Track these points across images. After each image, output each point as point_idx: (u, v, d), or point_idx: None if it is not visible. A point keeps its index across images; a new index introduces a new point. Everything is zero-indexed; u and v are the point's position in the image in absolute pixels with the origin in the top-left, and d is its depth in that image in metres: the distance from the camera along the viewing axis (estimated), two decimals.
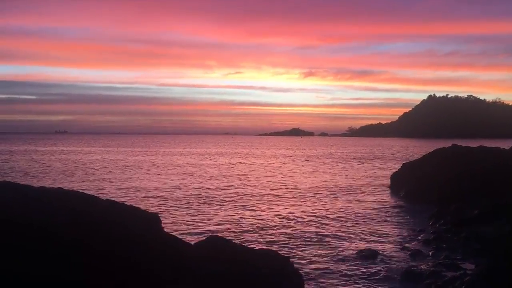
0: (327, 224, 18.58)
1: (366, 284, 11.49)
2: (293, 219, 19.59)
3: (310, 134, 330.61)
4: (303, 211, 21.61)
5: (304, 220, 19.50)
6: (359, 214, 20.97)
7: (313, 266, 12.76)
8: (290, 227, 17.94)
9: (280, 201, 25.06)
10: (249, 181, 35.47)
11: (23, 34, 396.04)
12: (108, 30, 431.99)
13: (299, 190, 29.65)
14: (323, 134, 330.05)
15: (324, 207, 23.06)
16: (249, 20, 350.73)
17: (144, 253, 8.20)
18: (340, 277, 11.93)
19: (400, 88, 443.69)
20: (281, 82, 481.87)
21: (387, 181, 32.44)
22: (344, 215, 20.66)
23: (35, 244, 7.30)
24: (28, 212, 7.61)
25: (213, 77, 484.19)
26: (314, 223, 18.87)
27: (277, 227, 17.92)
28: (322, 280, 11.68)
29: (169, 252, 8.64)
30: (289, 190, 29.91)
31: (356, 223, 18.86)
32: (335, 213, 21.28)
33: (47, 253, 7.31)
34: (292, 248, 14.68)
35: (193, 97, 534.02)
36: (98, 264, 7.56)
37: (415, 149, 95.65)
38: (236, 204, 23.57)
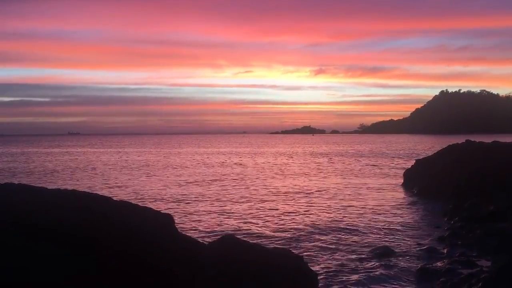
0: (340, 222, 18.49)
1: (381, 282, 11.41)
2: (306, 218, 19.53)
3: (321, 131, 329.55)
4: (315, 210, 21.54)
5: (317, 218, 19.44)
6: (372, 211, 20.84)
7: (327, 265, 12.70)
8: (303, 226, 17.88)
9: (292, 199, 25.01)
10: (261, 179, 35.45)
11: (36, 37, 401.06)
12: (119, 32, 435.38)
13: (311, 188, 29.57)
14: (335, 131, 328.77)
15: (337, 204, 22.95)
16: (258, 19, 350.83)
17: (158, 253, 8.22)
18: (354, 275, 11.86)
19: (411, 84, 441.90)
20: (292, 80, 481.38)
21: (400, 178, 32.22)
22: (356, 213, 20.55)
23: (51, 245, 7.35)
24: (44, 213, 7.66)
25: (223, 76, 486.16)
26: (327, 221, 18.80)
27: (291, 226, 17.88)
28: (336, 278, 11.62)
29: (182, 252, 8.65)
30: (301, 188, 29.84)
31: (369, 220, 18.75)
32: (347, 210, 21.17)
33: (63, 253, 7.37)
34: (306, 247, 14.62)
35: (203, 97, 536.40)
36: (113, 264, 7.60)
37: (428, 145, 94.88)
38: (249, 204, 23.58)
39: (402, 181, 30.97)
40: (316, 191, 28.37)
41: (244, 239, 11.48)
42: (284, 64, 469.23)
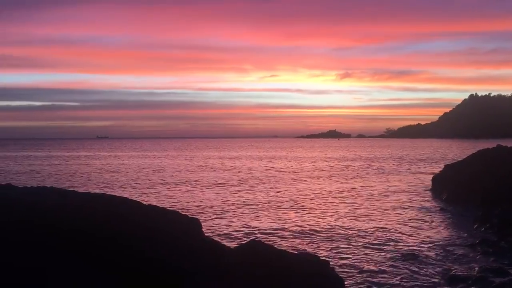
0: (367, 227, 18.29)
1: None
2: (333, 223, 19.39)
3: (347, 136, 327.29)
4: (342, 215, 21.38)
5: (344, 223, 19.28)
6: (400, 217, 20.56)
7: (354, 270, 12.57)
8: (330, 231, 17.76)
9: (319, 204, 24.87)
10: (288, 184, 35.39)
11: (66, 43, 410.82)
12: (146, 37, 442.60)
13: (337, 193, 29.36)
14: (360, 135, 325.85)
15: (364, 209, 22.73)
16: (284, 23, 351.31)
17: (186, 256, 8.29)
18: (382, 281, 11.70)
19: (440, 87, 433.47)
20: (317, 84, 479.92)
21: (428, 183, 31.71)
22: (384, 218, 20.29)
23: (82, 248, 7.49)
24: (75, 216, 7.82)
25: (249, 80, 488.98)
26: (354, 226, 18.62)
27: (317, 231, 17.77)
28: (364, 284, 11.49)
29: (209, 255, 8.70)
30: (327, 193, 29.65)
31: (397, 226, 18.49)
32: (374, 216, 20.93)
33: (93, 256, 7.50)
34: (332, 252, 14.51)
35: (229, 101, 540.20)
36: (142, 266, 7.70)
37: (457, 150, 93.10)
38: (276, 209, 23.55)
39: (430, 186, 30.47)
40: (343, 196, 28.15)
41: (271, 244, 11.47)
42: (310, 68, 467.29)
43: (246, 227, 18.56)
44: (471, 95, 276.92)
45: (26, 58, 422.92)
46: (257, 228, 18.36)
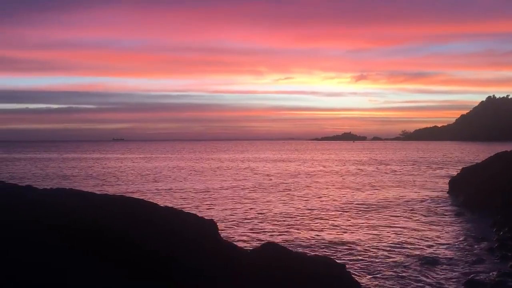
0: (383, 231, 18.18)
1: None
2: (349, 226, 19.32)
3: (362, 138, 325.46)
4: (357, 218, 21.27)
5: (360, 227, 19.18)
6: (416, 220, 20.38)
7: (370, 274, 12.51)
8: (346, 234, 17.69)
9: (333, 208, 24.78)
10: (303, 188, 35.32)
11: (84, 46, 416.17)
12: (162, 40, 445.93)
13: (353, 198, 29.21)
14: (376, 138, 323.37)
15: (380, 212, 22.58)
16: (299, 25, 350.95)
17: (201, 258, 8.33)
18: (399, 285, 11.62)
19: (457, 89, 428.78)
20: (332, 87, 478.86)
21: (445, 186, 31.37)
22: (400, 221, 20.14)
23: (100, 248, 7.58)
24: (93, 217, 7.93)
25: (264, 83, 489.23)
26: (371, 230, 18.52)
27: (332, 235, 17.73)
28: None
29: (226, 257, 8.74)
30: (342, 196, 29.52)
31: (414, 230, 18.33)
32: (390, 219, 20.78)
33: (111, 256, 7.58)
34: (348, 255, 14.45)
35: (244, 103, 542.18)
36: (158, 268, 7.77)
37: (474, 153, 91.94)
38: (291, 213, 23.53)
39: (447, 189, 30.15)
40: (358, 200, 27.99)
41: (286, 246, 11.47)
42: (325, 71, 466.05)
43: (261, 231, 18.58)
44: (489, 97, 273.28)
45: (43, 61, 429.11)
46: (272, 232, 18.36)
